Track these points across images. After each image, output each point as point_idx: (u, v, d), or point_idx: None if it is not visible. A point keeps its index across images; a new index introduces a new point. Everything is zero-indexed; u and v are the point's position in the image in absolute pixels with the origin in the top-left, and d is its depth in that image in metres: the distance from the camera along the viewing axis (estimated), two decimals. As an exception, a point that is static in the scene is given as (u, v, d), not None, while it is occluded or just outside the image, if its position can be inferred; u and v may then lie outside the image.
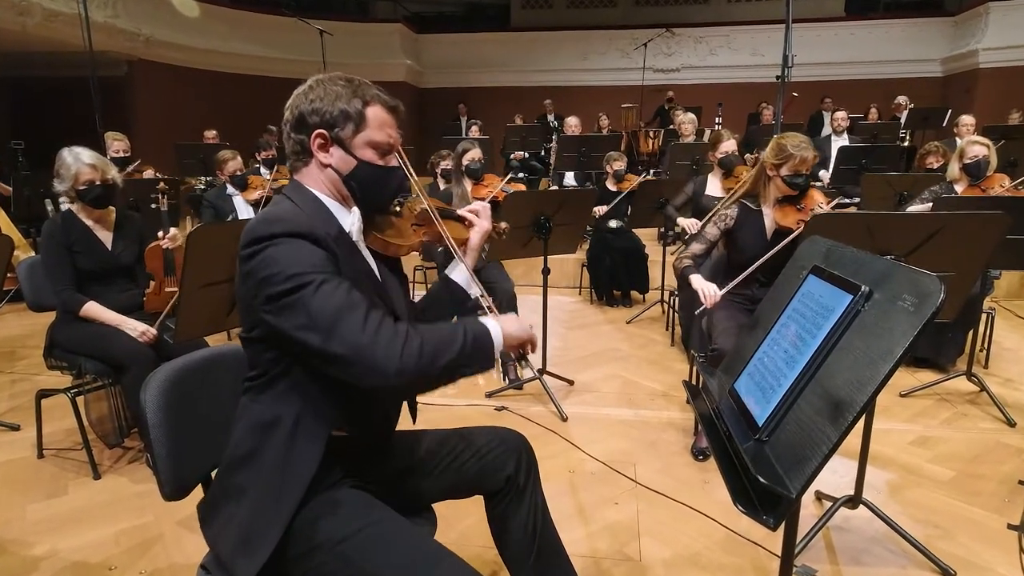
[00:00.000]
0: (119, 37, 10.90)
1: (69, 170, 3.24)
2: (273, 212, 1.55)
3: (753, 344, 1.67)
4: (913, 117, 10.28)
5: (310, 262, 1.44)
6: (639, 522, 2.86)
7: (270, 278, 1.42)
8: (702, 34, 15.54)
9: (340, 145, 1.63)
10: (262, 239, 1.45)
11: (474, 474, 1.86)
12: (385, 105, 1.67)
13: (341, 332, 1.37)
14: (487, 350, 1.54)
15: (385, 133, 1.66)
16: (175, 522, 2.84)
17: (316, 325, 1.38)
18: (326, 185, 1.66)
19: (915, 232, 2.56)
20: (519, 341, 1.64)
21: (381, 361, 1.37)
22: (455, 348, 1.46)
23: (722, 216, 3.42)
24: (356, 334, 1.37)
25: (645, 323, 5.98)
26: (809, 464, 1.20)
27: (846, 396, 1.22)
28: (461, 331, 1.49)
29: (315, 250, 1.47)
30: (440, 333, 1.47)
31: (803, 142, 3.22)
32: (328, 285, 1.41)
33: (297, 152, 1.66)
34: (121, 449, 3.50)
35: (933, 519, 2.88)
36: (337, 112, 1.61)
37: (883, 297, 1.29)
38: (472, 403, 4.11)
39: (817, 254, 1.67)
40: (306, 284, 1.40)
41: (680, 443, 3.57)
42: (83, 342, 3.23)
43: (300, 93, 1.65)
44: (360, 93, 1.63)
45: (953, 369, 4.53)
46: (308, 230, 1.48)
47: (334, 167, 1.65)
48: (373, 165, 1.66)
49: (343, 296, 1.41)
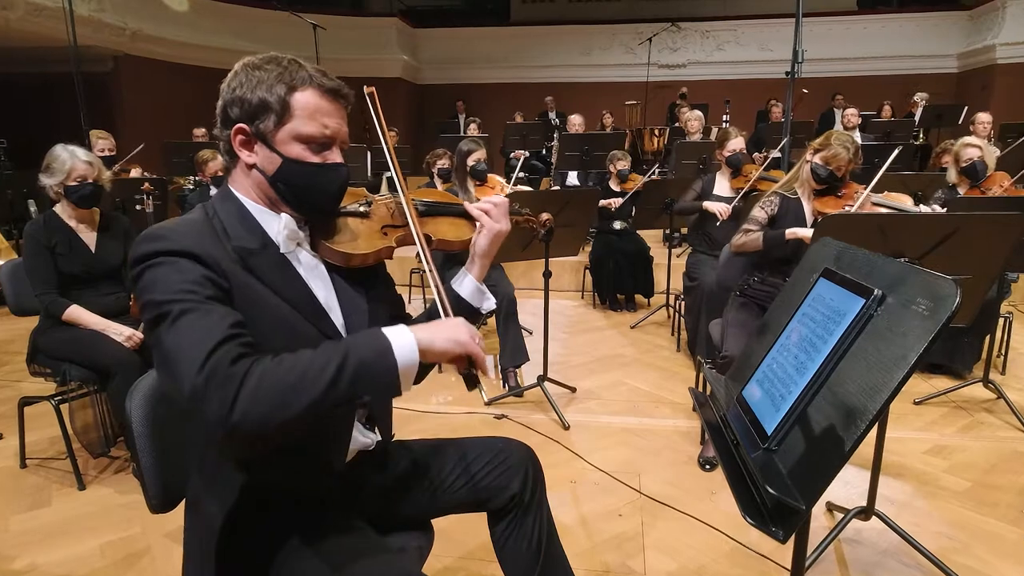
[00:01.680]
0: (104, 31, 10.92)
1: (63, 165, 3.24)
2: (159, 227, 1.37)
3: (762, 350, 1.67)
4: (928, 115, 10.31)
5: (179, 287, 1.27)
6: (644, 534, 2.86)
7: (145, 306, 1.29)
8: (709, 28, 15.56)
9: (263, 141, 1.46)
10: (141, 259, 1.31)
11: (476, 494, 1.80)
12: (320, 89, 1.46)
13: (182, 372, 1.18)
14: (381, 376, 1.26)
15: (318, 123, 1.45)
16: (163, 535, 2.84)
17: (165, 363, 1.22)
18: (253, 189, 1.50)
19: (929, 234, 2.56)
20: (450, 355, 1.37)
21: (214, 409, 1.15)
22: (321, 382, 1.20)
23: (767, 202, 3.49)
24: (191, 375, 1.17)
25: (650, 328, 5.98)
26: (820, 474, 1.21)
27: (858, 403, 1.21)
28: (337, 357, 1.23)
29: (194, 268, 1.31)
30: (300, 365, 1.22)
31: (847, 140, 3.30)
32: (190, 316, 1.24)
33: (228, 151, 1.50)
34: (107, 459, 3.50)
35: (949, 531, 2.87)
36: (256, 101, 1.43)
37: (896, 301, 1.29)
38: (471, 411, 4.11)
39: (828, 256, 1.67)
40: (165, 316, 1.24)
41: (686, 453, 3.57)
42: (67, 347, 3.23)
43: (226, 80, 1.47)
44: (286, 77, 1.44)
45: (969, 376, 4.53)
46: (189, 248, 1.32)
47: (259, 167, 1.47)
48: (302, 163, 1.46)
49: (201, 327, 1.23)
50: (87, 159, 3.28)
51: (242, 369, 1.18)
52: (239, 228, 1.45)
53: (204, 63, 13.03)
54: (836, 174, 3.31)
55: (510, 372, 4.45)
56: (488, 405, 4.18)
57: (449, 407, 4.13)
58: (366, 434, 1.67)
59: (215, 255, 1.35)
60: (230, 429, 1.15)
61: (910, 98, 11.43)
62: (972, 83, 13.84)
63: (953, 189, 4.70)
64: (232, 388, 1.16)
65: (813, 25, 13.38)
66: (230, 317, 1.28)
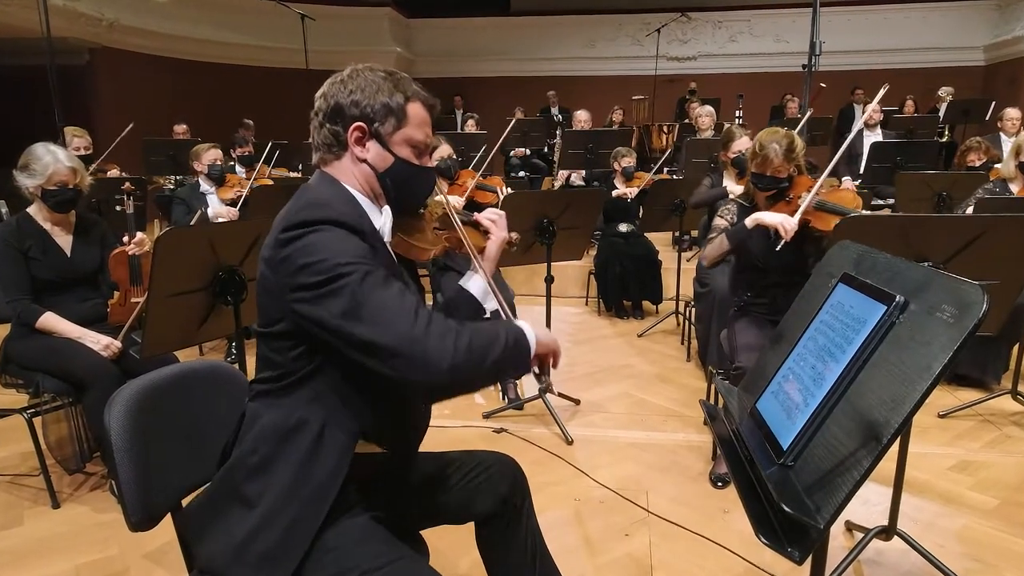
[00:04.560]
0: (80, 22, 10.92)
1: (45, 168, 3.24)
2: (317, 196, 1.62)
3: (777, 360, 1.67)
4: (953, 110, 10.31)
5: (355, 252, 1.49)
6: (652, 555, 2.86)
7: (312, 265, 1.46)
8: (721, 19, 15.58)
9: (378, 140, 1.69)
10: (306, 224, 1.50)
11: (466, 497, 1.90)
12: (425, 103, 1.74)
13: (391, 322, 1.42)
14: (524, 353, 1.58)
15: (424, 132, 1.74)
16: (142, 555, 2.84)
17: (362, 314, 1.43)
18: (359, 181, 1.72)
19: (955, 236, 2.57)
20: (548, 349, 1.67)
21: (434, 355, 1.41)
22: (499, 346, 1.51)
23: (726, 210, 3.56)
24: (407, 325, 1.42)
25: (658, 336, 5.98)
26: (839, 491, 1.21)
27: (879, 417, 1.22)
28: (503, 330, 1.55)
29: (360, 243, 1.53)
30: (484, 330, 1.52)
31: (777, 139, 3.32)
32: (374, 276, 1.47)
33: (329, 144, 1.71)
34: (83, 475, 3.50)
35: (975, 552, 2.87)
36: (379, 106, 1.67)
37: (920, 308, 1.30)
38: (469, 424, 4.11)
39: (847, 260, 1.67)
40: (351, 272, 1.45)
41: (697, 468, 3.58)
42: (40, 357, 3.23)
43: (337, 82, 1.70)
44: (402, 88, 1.70)
45: (997, 387, 4.53)
46: (353, 220, 1.55)
47: (370, 163, 1.70)
48: (410, 164, 1.73)
49: (390, 288, 1.47)
50: (70, 164, 3.29)
51: (454, 323, 1.48)
52: (353, 213, 1.64)
53: (185, 55, 13.06)
54: (778, 177, 3.35)
55: (510, 384, 4.44)
56: (487, 418, 4.18)
57: (446, 420, 4.13)
58: None
59: (367, 231, 1.60)
60: (450, 371, 1.41)
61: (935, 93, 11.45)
62: (1000, 77, 13.85)
63: (1005, 184, 4.64)
64: (452, 336, 1.44)
65: (832, 15, 13.38)
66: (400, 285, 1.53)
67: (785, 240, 3.15)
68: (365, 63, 1.74)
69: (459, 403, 4.40)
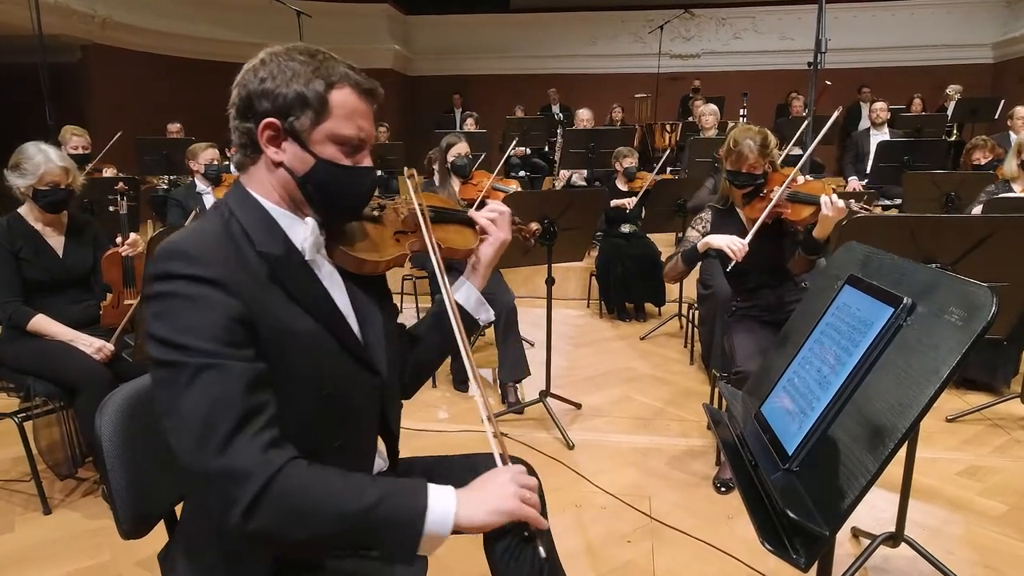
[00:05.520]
0: (72, 19, 10.95)
1: (36, 168, 3.25)
2: (184, 241, 1.36)
3: (782, 363, 1.67)
4: (961, 109, 10.32)
5: (201, 332, 1.26)
6: (654, 562, 2.85)
7: (154, 337, 1.28)
8: (725, 15, 15.63)
9: (295, 139, 1.45)
10: (164, 278, 1.30)
11: None
12: (357, 88, 1.47)
13: (195, 444, 1.21)
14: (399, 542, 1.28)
15: (355, 125, 1.47)
16: (134, 562, 2.83)
17: (178, 425, 1.24)
18: (276, 189, 1.49)
19: (963, 237, 2.57)
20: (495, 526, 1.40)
21: (229, 501, 1.18)
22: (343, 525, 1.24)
23: (699, 219, 3.60)
24: (207, 452, 1.19)
25: (661, 340, 5.99)
26: (845, 497, 1.21)
27: (886, 421, 1.22)
28: (369, 500, 1.26)
29: (220, 306, 1.29)
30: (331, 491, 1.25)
31: (750, 135, 3.37)
32: (211, 373, 1.24)
33: (244, 145, 1.49)
34: (74, 480, 3.49)
35: (984, 558, 2.87)
36: (292, 95, 1.42)
37: (928, 310, 1.30)
38: (467, 429, 4.11)
39: (853, 262, 1.67)
40: (181, 366, 1.24)
41: (700, 474, 3.57)
42: (31, 360, 3.23)
43: (249, 69, 1.46)
44: (324, 72, 1.44)
45: (1006, 391, 4.52)
46: (218, 277, 1.30)
47: (287, 166, 1.46)
48: (336, 166, 1.47)
49: (222, 392, 1.23)
50: (62, 164, 3.29)
51: (272, 466, 1.21)
52: (263, 233, 1.45)
53: (179, 53, 13.08)
54: (754, 173, 3.38)
55: (510, 387, 4.45)
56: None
57: (446, 425, 4.13)
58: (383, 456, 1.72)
59: (241, 279, 1.35)
60: (237, 526, 1.17)
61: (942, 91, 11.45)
62: (1009, 74, 13.86)
63: (1007, 185, 4.66)
64: (253, 488, 1.19)
65: (837, 12, 13.34)
66: (252, 375, 1.28)
67: (737, 260, 3.21)
68: (289, 44, 1.48)
69: (457, 407, 4.41)
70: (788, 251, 3.42)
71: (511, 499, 1.40)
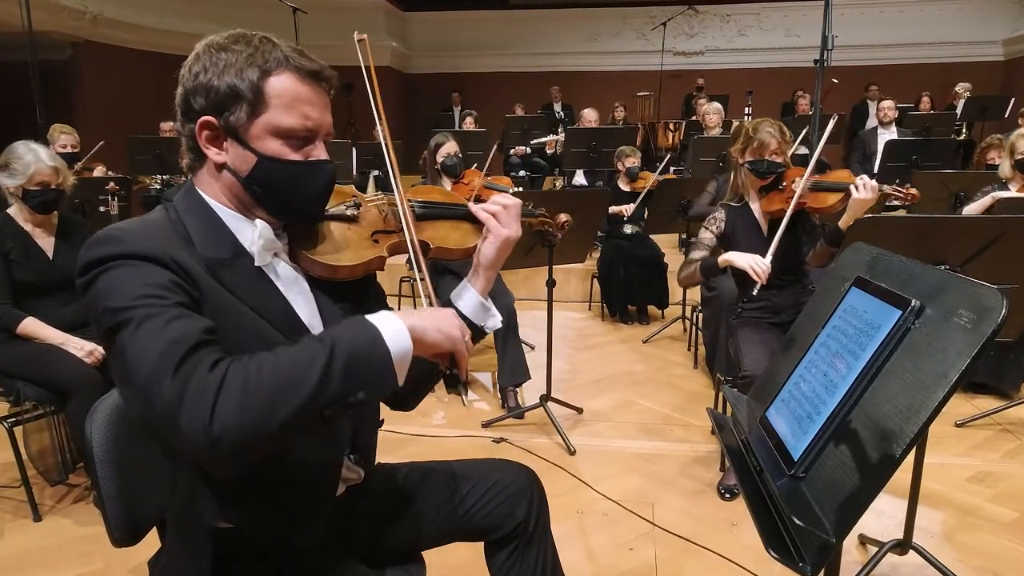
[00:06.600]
0: (63, 15, 10.93)
1: (26, 168, 3.25)
2: (113, 228, 1.30)
3: (788, 366, 1.67)
4: (971, 107, 10.32)
5: (142, 291, 1.19)
6: (657, 570, 2.85)
7: (102, 314, 1.21)
8: (729, 12, 15.63)
9: (234, 136, 1.36)
10: (94, 264, 1.23)
11: (478, 522, 1.78)
12: (299, 72, 1.37)
13: (150, 386, 1.11)
14: (375, 367, 1.20)
15: (298, 114, 1.37)
16: (127, 570, 2.83)
17: (128, 377, 1.15)
18: (224, 192, 1.42)
19: (973, 238, 2.57)
20: (439, 349, 1.33)
21: (191, 424, 1.08)
22: (310, 381, 1.13)
23: (711, 219, 3.58)
24: (161, 388, 1.10)
25: (664, 343, 5.99)
26: (852, 504, 1.21)
27: (894, 426, 1.22)
28: (324, 351, 1.16)
29: (158, 272, 1.23)
30: (284, 364, 1.15)
31: (766, 124, 3.40)
32: (156, 319, 1.16)
33: (191, 148, 1.42)
34: (65, 486, 3.49)
35: (993, 566, 2.87)
36: (224, 89, 1.33)
37: (936, 312, 1.30)
38: (466, 434, 4.11)
39: (861, 263, 1.67)
40: (125, 323, 1.16)
41: (704, 480, 3.57)
42: (21, 364, 3.23)
43: (185, 64, 1.38)
44: (259, 59, 1.34)
45: (1016, 395, 4.53)
46: (151, 252, 1.25)
47: (231, 167, 1.39)
48: (282, 162, 1.38)
49: (169, 332, 1.15)
50: (52, 163, 3.29)
51: (218, 374, 1.11)
52: (207, 235, 1.38)
53: (172, 50, 12.96)
54: (777, 160, 3.39)
55: (510, 391, 4.45)
56: (486, 427, 4.18)
57: (443, 430, 4.13)
58: (353, 468, 1.65)
59: (182, 259, 1.28)
60: (212, 445, 1.07)
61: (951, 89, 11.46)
62: (1020, 72, 13.87)
63: (1004, 186, 4.68)
64: (210, 397, 1.08)
65: (844, 8, 13.41)
66: (202, 322, 1.21)
67: (761, 283, 3.20)
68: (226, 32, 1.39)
69: (456, 412, 4.40)
70: (805, 248, 3.41)
71: (456, 329, 1.34)
